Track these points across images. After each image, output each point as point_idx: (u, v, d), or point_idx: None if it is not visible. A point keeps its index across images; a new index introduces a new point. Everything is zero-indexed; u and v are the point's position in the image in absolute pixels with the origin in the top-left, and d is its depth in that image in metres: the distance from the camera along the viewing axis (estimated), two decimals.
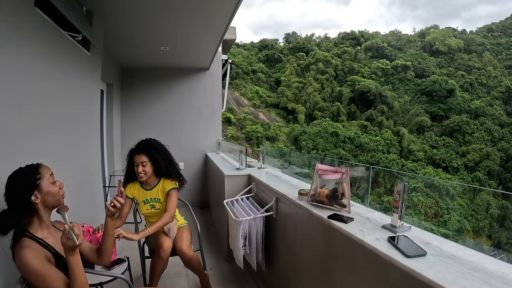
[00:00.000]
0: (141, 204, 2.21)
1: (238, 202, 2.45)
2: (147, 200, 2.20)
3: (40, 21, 1.81)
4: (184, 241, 2.15)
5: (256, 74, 39.52)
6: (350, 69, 40.24)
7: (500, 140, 32.54)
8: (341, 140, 30.80)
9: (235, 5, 2.63)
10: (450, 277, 0.85)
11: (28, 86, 1.70)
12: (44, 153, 1.89)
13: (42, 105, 1.87)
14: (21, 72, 1.62)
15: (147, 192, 2.20)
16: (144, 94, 5.09)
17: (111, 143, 4.50)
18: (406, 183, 1.23)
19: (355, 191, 2.76)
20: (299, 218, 1.73)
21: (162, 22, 3.04)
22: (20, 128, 1.62)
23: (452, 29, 52.06)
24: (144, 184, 2.20)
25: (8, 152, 1.50)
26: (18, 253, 1.12)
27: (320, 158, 19.25)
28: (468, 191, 24.19)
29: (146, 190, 2.20)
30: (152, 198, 2.20)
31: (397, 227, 1.22)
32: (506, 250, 1.31)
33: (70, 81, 2.31)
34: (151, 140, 2.19)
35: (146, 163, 2.09)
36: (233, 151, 4.23)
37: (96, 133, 3.04)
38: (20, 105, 1.61)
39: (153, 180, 2.20)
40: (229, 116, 28.41)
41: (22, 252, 1.11)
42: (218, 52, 4.97)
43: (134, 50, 4.09)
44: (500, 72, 41.15)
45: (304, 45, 45.75)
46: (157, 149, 2.14)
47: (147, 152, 2.10)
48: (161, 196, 2.20)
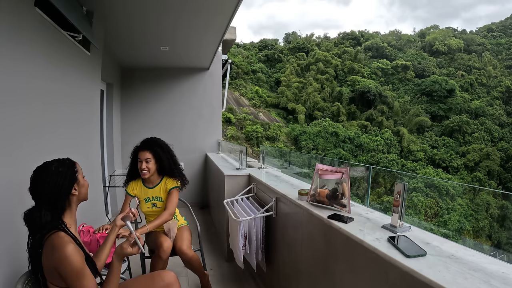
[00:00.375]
0: (142, 202, 2.21)
1: (238, 202, 2.45)
2: (148, 199, 2.20)
3: (40, 21, 1.81)
4: (184, 241, 2.15)
5: (256, 74, 39.51)
6: (350, 69, 40.24)
7: (500, 140, 32.54)
8: (341, 140, 30.80)
9: (235, 5, 2.63)
10: (450, 277, 0.85)
11: (28, 86, 1.70)
12: (44, 153, 1.88)
13: (42, 105, 1.87)
14: (21, 72, 1.62)
15: (149, 190, 2.20)
16: (144, 94, 5.09)
17: (111, 143, 4.49)
18: (406, 183, 1.23)
19: (355, 191, 2.76)
20: (299, 218, 1.73)
21: (162, 22, 3.04)
22: (19, 127, 1.62)
23: (452, 29, 52.07)
24: (146, 182, 2.21)
25: (8, 151, 1.51)
26: (62, 246, 1.12)
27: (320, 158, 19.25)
28: (468, 191, 24.18)
29: (148, 188, 2.20)
30: (154, 197, 2.20)
31: (397, 227, 1.22)
32: (506, 250, 1.31)
33: (70, 81, 2.31)
34: (156, 138, 2.21)
35: (150, 159, 2.10)
36: (233, 151, 4.23)
37: (96, 133, 3.04)
38: (19, 105, 1.61)
39: (156, 179, 2.21)
40: (229, 116, 28.41)
41: (67, 247, 1.12)
42: (218, 52, 4.97)
43: (134, 50, 4.09)
44: (500, 72, 41.14)
45: (304, 45, 45.75)
46: (161, 147, 2.16)
47: (151, 149, 2.11)
48: (163, 195, 2.20)
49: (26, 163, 1.68)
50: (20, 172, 1.62)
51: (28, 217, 1.17)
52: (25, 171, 1.68)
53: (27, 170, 1.71)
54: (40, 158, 1.88)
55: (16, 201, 1.59)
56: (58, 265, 1.11)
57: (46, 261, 1.13)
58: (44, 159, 1.38)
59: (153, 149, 2.11)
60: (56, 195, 1.21)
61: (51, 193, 1.20)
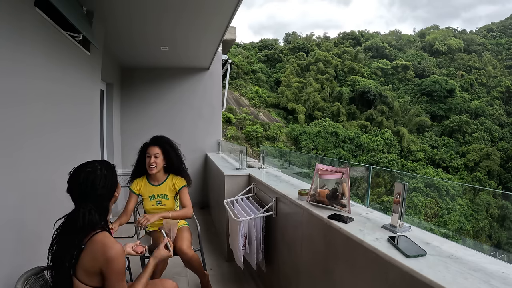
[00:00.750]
0: (146, 200, 2.22)
1: (238, 202, 2.45)
2: (153, 196, 2.21)
3: (40, 21, 1.81)
4: (184, 241, 2.15)
5: (256, 74, 39.51)
6: (350, 69, 40.24)
7: (500, 140, 32.55)
8: (341, 140, 30.80)
9: (235, 5, 2.63)
10: (450, 277, 0.85)
11: (28, 86, 1.70)
12: (43, 153, 1.89)
13: (42, 105, 1.87)
14: (21, 72, 1.62)
15: (154, 188, 2.21)
16: (144, 94, 5.09)
17: (111, 143, 4.49)
18: (406, 183, 1.23)
19: (355, 191, 2.76)
20: (299, 218, 1.73)
21: (162, 22, 3.04)
22: (20, 127, 1.62)
23: (452, 29, 52.07)
24: (151, 179, 2.23)
25: (8, 151, 1.50)
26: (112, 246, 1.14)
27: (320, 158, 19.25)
28: (468, 191, 24.18)
29: (154, 186, 2.22)
30: (159, 194, 2.21)
31: (397, 227, 1.22)
32: (506, 250, 1.31)
33: (70, 81, 2.31)
34: (165, 137, 2.27)
35: (158, 155, 2.15)
36: (233, 151, 4.23)
37: (96, 133, 3.04)
38: (20, 105, 1.61)
39: (162, 176, 2.24)
40: (229, 116, 28.40)
41: (117, 247, 1.15)
42: (218, 52, 4.97)
43: (134, 50, 4.09)
44: (500, 72, 41.15)
45: (304, 45, 45.76)
46: (170, 144, 2.23)
47: (161, 145, 2.17)
48: (168, 193, 2.22)
49: (26, 163, 1.69)
50: (20, 172, 1.63)
51: (71, 217, 1.19)
52: (25, 171, 1.68)
53: (28, 170, 1.71)
54: (40, 158, 1.88)
55: (17, 202, 1.59)
56: (106, 264, 1.12)
57: (89, 259, 1.13)
58: (44, 159, 1.38)
59: (162, 145, 2.17)
60: (105, 197, 1.27)
61: (101, 195, 1.24)
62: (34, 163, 1.77)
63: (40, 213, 1.81)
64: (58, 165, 2.06)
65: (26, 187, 1.68)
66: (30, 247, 1.70)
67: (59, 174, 2.04)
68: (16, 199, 1.58)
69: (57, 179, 2.01)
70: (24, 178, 1.67)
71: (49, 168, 1.96)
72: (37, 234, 1.76)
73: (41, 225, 1.79)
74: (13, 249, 1.54)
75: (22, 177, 1.64)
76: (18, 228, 1.60)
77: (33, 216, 1.75)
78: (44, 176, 1.88)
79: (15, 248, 1.57)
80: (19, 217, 1.62)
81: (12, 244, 1.54)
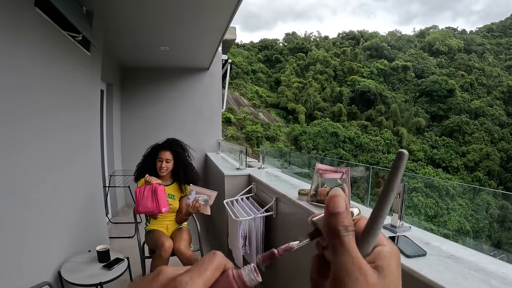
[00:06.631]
0: None
1: (238, 202, 2.45)
2: None
3: (40, 21, 1.80)
4: (182, 241, 2.16)
5: (256, 74, 39.49)
6: (350, 69, 40.23)
7: (500, 140, 32.53)
8: (341, 140, 30.78)
9: (235, 5, 2.63)
10: (450, 277, 0.85)
11: (28, 86, 1.70)
12: (43, 153, 1.89)
13: (42, 105, 1.87)
14: (20, 72, 1.62)
15: (166, 187, 2.26)
16: (144, 94, 5.09)
17: (111, 143, 4.49)
18: (406, 183, 1.23)
19: (355, 191, 2.76)
20: (299, 218, 1.73)
21: (162, 22, 3.04)
22: (19, 128, 1.62)
23: (452, 29, 52.06)
24: (162, 179, 2.28)
25: (8, 152, 1.50)
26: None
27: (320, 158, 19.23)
28: (468, 191, 24.17)
29: (165, 186, 2.27)
30: (168, 194, 2.26)
31: (397, 227, 1.22)
32: (506, 250, 1.31)
33: (70, 81, 2.30)
34: (177, 140, 2.35)
35: (169, 160, 2.24)
36: (233, 151, 4.23)
37: (96, 133, 3.04)
38: (20, 105, 1.61)
39: (169, 177, 2.34)
40: (229, 116, 28.39)
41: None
42: (218, 52, 4.96)
43: (134, 50, 4.09)
44: (500, 72, 41.12)
45: (304, 45, 45.75)
46: (183, 148, 2.33)
47: (173, 150, 2.26)
48: (175, 193, 2.31)
49: (26, 163, 1.69)
50: (20, 172, 1.62)
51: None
52: (25, 172, 1.68)
53: (28, 171, 1.71)
54: (40, 158, 1.88)
55: (18, 204, 1.59)
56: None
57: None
58: (44, 159, 1.38)
59: (174, 150, 2.26)
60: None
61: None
62: (34, 164, 1.77)
63: (40, 214, 1.81)
64: (58, 165, 2.06)
65: (26, 187, 1.68)
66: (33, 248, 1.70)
67: (58, 174, 2.04)
68: (17, 201, 1.57)
69: (57, 179, 2.01)
70: (24, 178, 1.67)
71: (49, 168, 1.96)
72: (38, 236, 1.75)
73: (42, 226, 1.79)
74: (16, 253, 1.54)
75: (22, 177, 1.64)
76: (19, 231, 1.60)
77: (34, 218, 1.75)
78: (44, 177, 1.88)
79: (18, 252, 1.56)
80: (21, 219, 1.62)
81: (17, 249, 1.53)
